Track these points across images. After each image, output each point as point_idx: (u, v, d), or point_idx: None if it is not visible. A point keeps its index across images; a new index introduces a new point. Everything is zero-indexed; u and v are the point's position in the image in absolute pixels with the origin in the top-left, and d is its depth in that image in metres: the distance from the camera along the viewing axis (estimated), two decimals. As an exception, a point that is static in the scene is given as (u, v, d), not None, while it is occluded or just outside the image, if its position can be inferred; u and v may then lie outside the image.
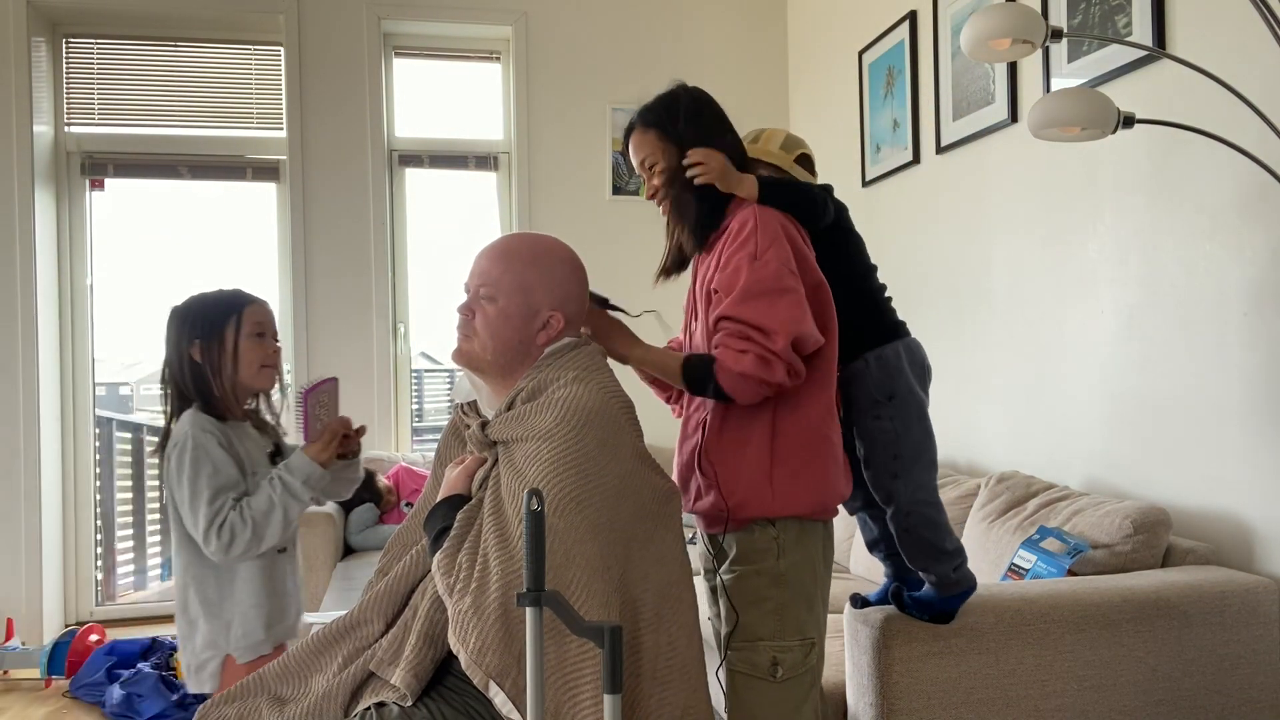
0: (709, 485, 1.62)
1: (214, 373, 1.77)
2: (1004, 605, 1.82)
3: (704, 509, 1.64)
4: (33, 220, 3.84)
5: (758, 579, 1.59)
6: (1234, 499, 2.09)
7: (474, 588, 1.31)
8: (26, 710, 3.16)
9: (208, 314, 1.78)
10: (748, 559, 1.60)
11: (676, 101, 1.70)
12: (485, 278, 1.53)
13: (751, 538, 1.60)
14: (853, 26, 3.87)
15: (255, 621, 1.76)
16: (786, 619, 1.58)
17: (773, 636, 1.58)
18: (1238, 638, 1.91)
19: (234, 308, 1.79)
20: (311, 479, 1.75)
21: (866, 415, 1.71)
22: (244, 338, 1.79)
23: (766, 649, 1.58)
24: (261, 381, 1.83)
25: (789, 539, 1.60)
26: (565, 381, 1.45)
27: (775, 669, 1.57)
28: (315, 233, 4.12)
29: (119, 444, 4.51)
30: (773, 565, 1.59)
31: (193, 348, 1.77)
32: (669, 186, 1.69)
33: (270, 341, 1.83)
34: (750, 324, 1.53)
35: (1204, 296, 2.16)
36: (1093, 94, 1.76)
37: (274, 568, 1.81)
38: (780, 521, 1.60)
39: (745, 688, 1.59)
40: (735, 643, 1.60)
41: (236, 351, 1.78)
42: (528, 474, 1.37)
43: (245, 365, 1.79)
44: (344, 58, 4.16)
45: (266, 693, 1.49)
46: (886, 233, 3.60)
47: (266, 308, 1.85)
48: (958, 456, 3.15)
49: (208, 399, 1.77)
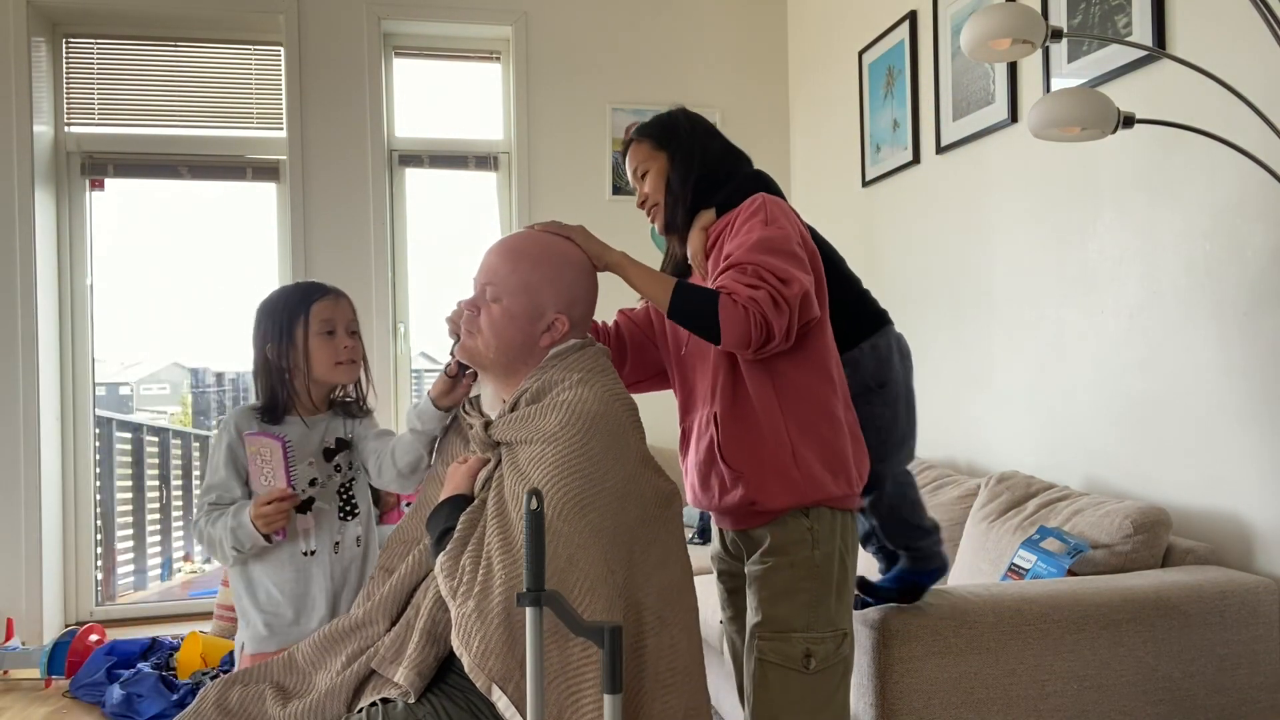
0: (735, 478, 1.60)
1: (291, 372, 1.76)
2: (1004, 605, 1.82)
3: (733, 503, 1.61)
4: (33, 220, 3.84)
5: (791, 571, 1.58)
6: (1234, 499, 2.09)
7: (477, 591, 1.31)
8: (26, 710, 3.16)
9: (277, 314, 1.77)
10: (782, 550, 1.59)
11: (671, 117, 1.78)
12: (493, 275, 1.53)
13: (785, 529, 1.59)
14: (853, 26, 3.87)
15: (257, 621, 1.75)
16: (820, 611, 1.58)
17: (806, 628, 1.57)
18: (1238, 638, 1.91)
19: (302, 306, 1.76)
20: (244, 545, 1.72)
21: (859, 401, 1.73)
22: (312, 336, 1.76)
23: (799, 640, 1.56)
24: (338, 376, 1.81)
25: (823, 530, 1.59)
26: (570, 384, 1.45)
27: (808, 660, 1.56)
28: (315, 233, 4.12)
29: (119, 444, 4.51)
30: (807, 556, 1.58)
31: (267, 348, 1.76)
32: (658, 193, 1.74)
33: (342, 337, 1.79)
34: (766, 268, 1.51)
35: (1204, 296, 2.16)
36: (1093, 94, 1.76)
37: (293, 570, 1.75)
38: (814, 511, 1.59)
39: (776, 679, 1.57)
40: (765, 633, 1.58)
41: (308, 350, 1.76)
42: (532, 477, 1.37)
43: (317, 364, 1.77)
44: (344, 58, 4.16)
45: (272, 681, 1.49)
46: (886, 233, 3.60)
47: (337, 303, 1.80)
48: (958, 456, 3.15)
49: (271, 398, 1.76)
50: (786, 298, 1.49)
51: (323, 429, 1.83)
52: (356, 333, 1.83)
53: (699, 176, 1.71)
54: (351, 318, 1.83)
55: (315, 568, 1.76)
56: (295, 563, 1.76)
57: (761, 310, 1.47)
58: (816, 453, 1.59)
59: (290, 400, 1.78)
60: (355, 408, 1.89)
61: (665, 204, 1.74)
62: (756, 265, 1.51)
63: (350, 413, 1.88)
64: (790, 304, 1.49)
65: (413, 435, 1.75)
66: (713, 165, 1.73)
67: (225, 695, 1.47)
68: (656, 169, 1.74)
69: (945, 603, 1.82)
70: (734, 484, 1.60)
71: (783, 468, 1.57)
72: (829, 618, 1.58)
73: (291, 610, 1.75)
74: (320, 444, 1.82)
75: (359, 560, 1.82)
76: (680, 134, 1.75)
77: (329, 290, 1.81)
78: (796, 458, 1.57)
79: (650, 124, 1.78)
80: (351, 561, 1.81)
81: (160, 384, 6.46)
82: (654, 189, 1.75)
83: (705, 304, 1.49)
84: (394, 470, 1.77)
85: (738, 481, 1.59)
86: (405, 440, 1.77)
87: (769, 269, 1.51)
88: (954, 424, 3.17)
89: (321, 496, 1.79)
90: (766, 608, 1.58)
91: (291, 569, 1.75)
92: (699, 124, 1.77)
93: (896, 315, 1.91)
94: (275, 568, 1.75)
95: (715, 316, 1.48)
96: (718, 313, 1.48)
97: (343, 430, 1.86)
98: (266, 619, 1.75)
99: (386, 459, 1.79)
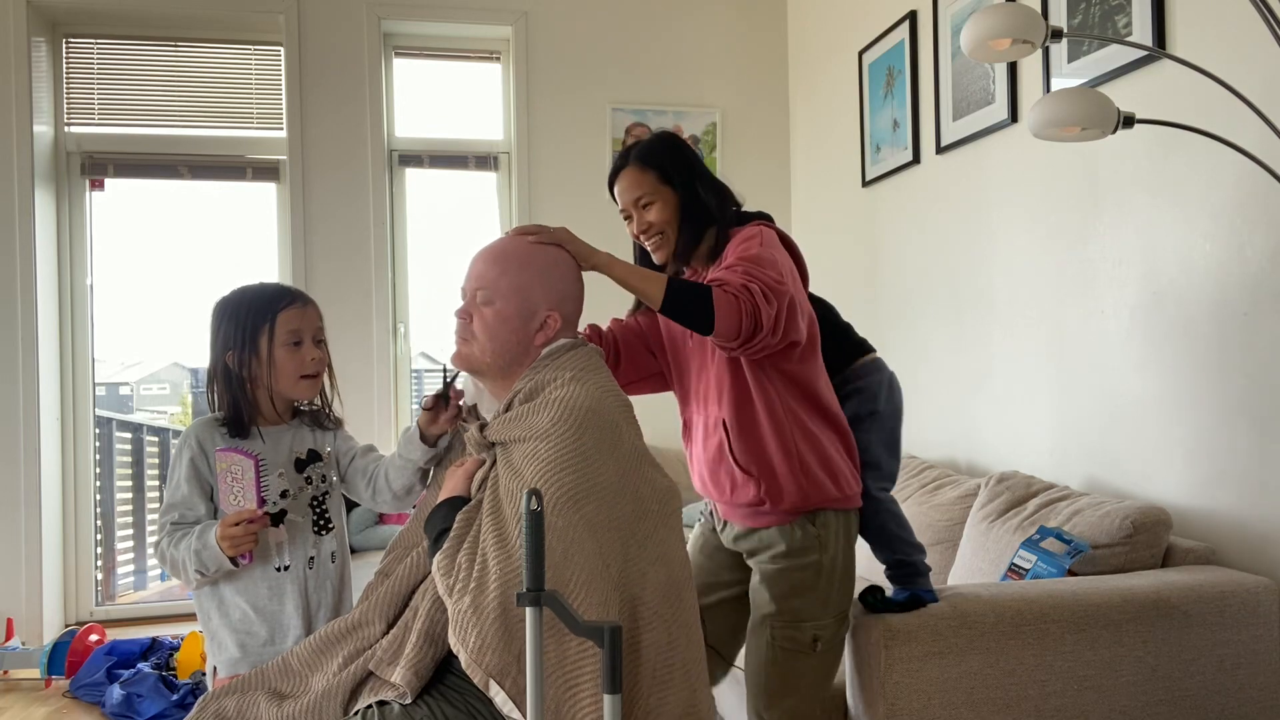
0: (746, 478, 1.71)
1: (252, 383, 1.65)
2: (1004, 605, 1.82)
3: (744, 501, 1.73)
4: (33, 220, 3.84)
5: (803, 573, 1.73)
6: (1234, 499, 2.09)
7: (473, 588, 1.31)
8: (26, 710, 3.16)
9: (240, 320, 1.64)
10: (794, 555, 1.73)
11: (669, 145, 1.80)
12: (482, 280, 1.53)
13: (795, 536, 1.73)
14: (853, 26, 3.87)
15: (230, 642, 1.65)
16: (829, 603, 1.75)
17: (814, 618, 1.74)
18: (1238, 638, 1.91)
19: (268, 313, 1.64)
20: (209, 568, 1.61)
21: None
22: (278, 347, 1.64)
23: (809, 628, 1.73)
24: (300, 392, 1.69)
25: (828, 534, 1.74)
26: (562, 381, 1.45)
27: (816, 644, 1.74)
28: (315, 233, 4.12)
29: (119, 444, 4.51)
30: (817, 560, 1.73)
31: (227, 356, 1.65)
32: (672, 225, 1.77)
33: (309, 348, 1.68)
34: (759, 266, 1.60)
35: (1204, 296, 2.16)
36: (1093, 94, 1.76)
37: (265, 587, 1.65)
38: (819, 517, 1.73)
39: (788, 659, 1.74)
40: (779, 622, 1.74)
41: (272, 361, 1.64)
42: (526, 473, 1.37)
43: (281, 377, 1.66)
44: (344, 58, 4.16)
45: (266, 687, 1.49)
46: (886, 233, 3.60)
47: (304, 311, 1.69)
48: (958, 456, 3.15)
49: (234, 410, 1.65)
50: (777, 292, 1.57)
51: (290, 438, 1.73)
52: (323, 341, 1.73)
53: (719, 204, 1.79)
54: (319, 325, 1.72)
55: (289, 584, 1.66)
56: (268, 579, 1.65)
57: (753, 299, 1.54)
58: (817, 459, 1.72)
59: (253, 411, 1.68)
60: (324, 417, 1.79)
61: (684, 236, 1.77)
62: (748, 265, 1.60)
63: (319, 422, 1.78)
64: (780, 299, 1.57)
65: (402, 461, 1.71)
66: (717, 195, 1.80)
67: (221, 704, 1.47)
68: (664, 200, 1.76)
69: (945, 603, 1.82)
70: (745, 483, 1.72)
71: (790, 473, 1.69)
72: (835, 606, 1.76)
73: (265, 629, 1.65)
74: (290, 454, 1.72)
75: (334, 578, 1.73)
76: (693, 168, 1.79)
77: (296, 296, 1.69)
78: (802, 464, 1.70)
79: (652, 152, 1.78)
80: (326, 579, 1.71)
81: (160, 384, 6.46)
82: (662, 220, 1.77)
83: (698, 294, 1.55)
84: (390, 493, 1.74)
85: (749, 482, 1.71)
86: (396, 463, 1.73)
87: (761, 266, 1.60)
88: (954, 424, 3.17)
89: (293, 509, 1.70)
90: (781, 602, 1.73)
91: (264, 586, 1.65)
92: (691, 153, 1.83)
93: (896, 315, 1.93)
94: (247, 584, 1.65)
95: (709, 305, 1.53)
96: (711, 301, 1.53)
97: (312, 441, 1.76)
98: (239, 639, 1.64)
99: (381, 481, 1.75)
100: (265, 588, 1.66)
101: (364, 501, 1.80)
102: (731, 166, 4.47)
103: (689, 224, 1.76)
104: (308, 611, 1.68)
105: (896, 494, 2.93)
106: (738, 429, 1.71)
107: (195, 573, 1.61)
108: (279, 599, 1.66)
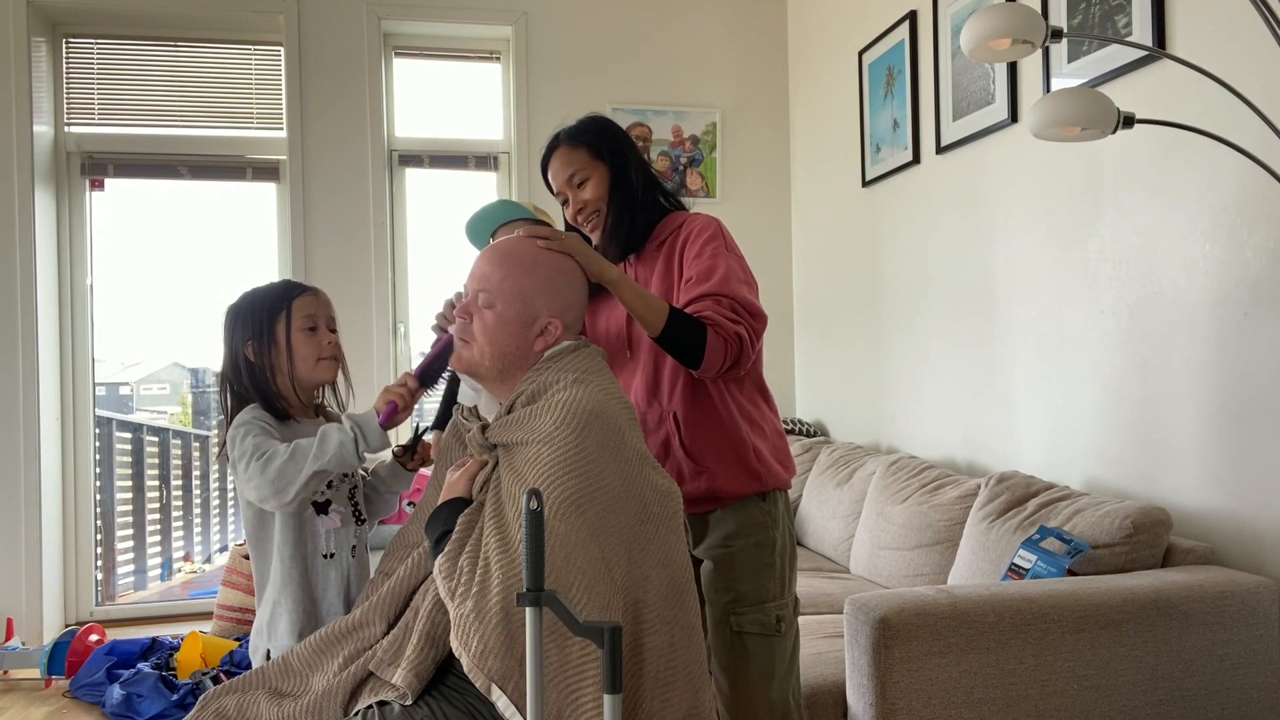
0: (697, 471, 1.75)
1: (272, 372, 1.70)
2: (1004, 605, 1.82)
3: (693, 493, 1.76)
4: (33, 220, 3.84)
5: (759, 550, 1.75)
6: (1234, 499, 2.09)
7: (475, 591, 1.31)
8: (26, 710, 3.16)
9: (256, 312, 1.71)
10: (746, 533, 1.75)
11: (597, 123, 1.84)
12: (485, 282, 1.53)
13: (745, 514, 1.76)
14: (853, 26, 3.87)
15: (285, 630, 1.68)
16: (786, 581, 1.78)
17: (775, 598, 1.75)
18: (1238, 638, 1.91)
19: (282, 302, 1.72)
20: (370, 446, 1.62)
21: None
22: (295, 332, 1.71)
23: (772, 609, 1.75)
24: (321, 374, 1.75)
25: (777, 511, 1.79)
26: (565, 384, 1.45)
27: (779, 624, 1.75)
28: (315, 233, 4.12)
29: (119, 444, 4.51)
30: (769, 535, 1.76)
31: (246, 348, 1.70)
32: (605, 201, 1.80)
33: (324, 333, 1.74)
34: (742, 304, 1.66)
35: (1204, 296, 2.16)
36: (1093, 94, 1.76)
37: (313, 574, 1.71)
38: (769, 496, 1.78)
39: (756, 645, 1.74)
40: (742, 607, 1.73)
41: (290, 347, 1.71)
42: (528, 477, 1.37)
43: (300, 361, 1.72)
44: (344, 58, 4.16)
45: (267, 686, 1.49)
46: (886, 233, 3.60)
47: (318, 298, 1.76)
48: (958, 456, 3.15)
49: (268, 398, 1.71)
50: (758, 332, 1.67)
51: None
52: (336, 330, 1.79)
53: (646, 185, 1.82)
54: (332, 314, 1.79)
55: (333, 571, 1.73)
56: (314, 564, 1.72)
57: (740, 347, 1.63)
58: (768, 446, 1.80)
59: (282, 402, 1.73)
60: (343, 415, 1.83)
61: (614, 212, 1.79)
62: (735, 301, 1.66)
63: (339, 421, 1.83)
64: (759, 338, 1.69)
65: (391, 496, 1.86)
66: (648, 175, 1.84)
67: (222, 703, 1.47)
68: (598, 177, 1.79)
69: (945, 603, 1.82)
70: (695, 475, 1.75)
71: (745, 460, 1.75)
72: (789, 586, 1.79)
73: (315, 614, 1.70)
74: None
75: (366, 567, 1.82)
76: (621, 143, 1.82)
77: (308, 287, 1.77)
78: (756, 452, 1.76)
79: (583, 131, 1.81)
80: (364, 567, 1.80)
81: (160, 384, 6.46)
82: (597, 197, 1.80)
83: (695, 335, 1.61)
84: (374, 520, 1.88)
85: (699, 474, 1.75)
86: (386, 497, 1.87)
87: (745, 306, 1.66)
88: (954, 424, 3.17)
89: (336, 499, 1.76)
90: (741, 585, 1.74)
91: (310, 571, 1.71)
92: (622, 131, 1.85)
93: (896, 315, 1.94)
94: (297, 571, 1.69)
95: (702, 348, 1.61)
96: (705, 344, 1.61)
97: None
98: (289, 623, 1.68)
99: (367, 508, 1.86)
100: (313, 575, 1.73)
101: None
102: (731, 166, 4.47)
103: (620, 198, 1.79)
104: (348, 600, 1.75)
105: (897, 494, 2.93)
106: (692, 423, 1.74)
107: (335, 445, 1.57)
108: (323, 585, 1.74)
